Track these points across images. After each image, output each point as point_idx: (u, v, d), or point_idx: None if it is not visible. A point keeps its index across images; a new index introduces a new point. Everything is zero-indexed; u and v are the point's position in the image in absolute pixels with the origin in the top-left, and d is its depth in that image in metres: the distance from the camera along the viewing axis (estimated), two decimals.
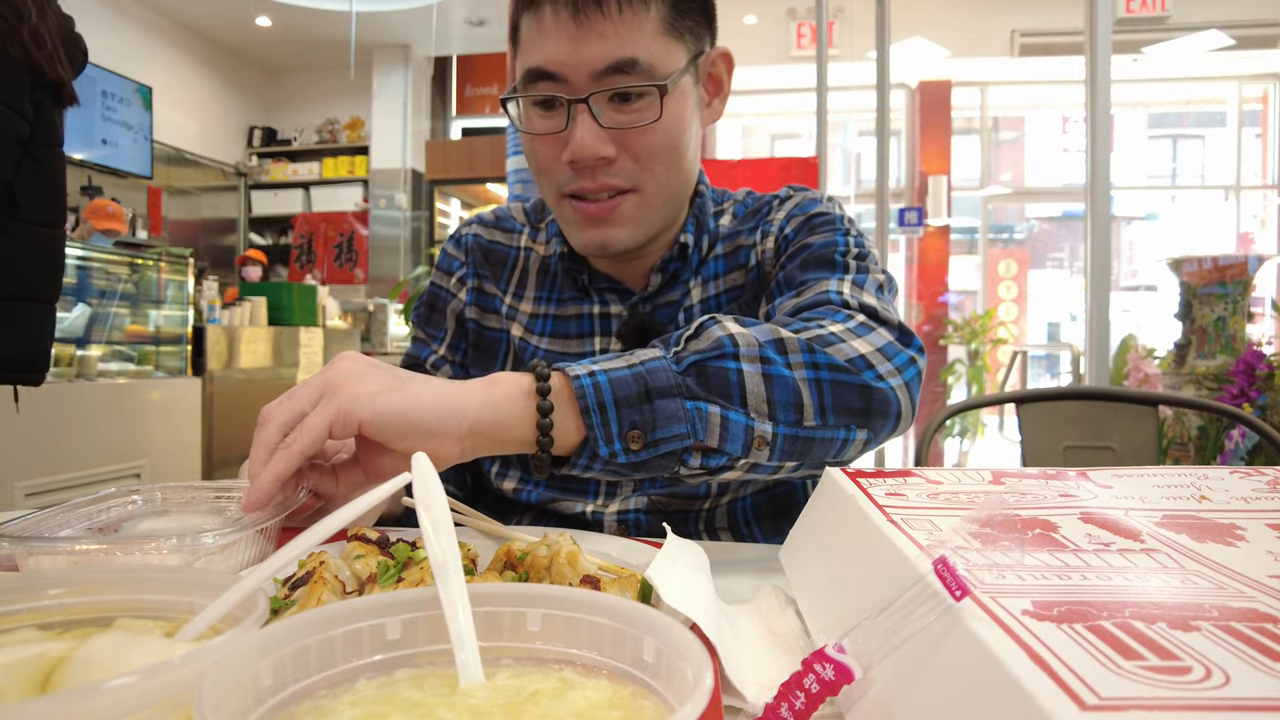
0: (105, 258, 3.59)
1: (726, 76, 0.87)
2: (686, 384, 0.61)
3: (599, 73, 0.75)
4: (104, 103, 5.71)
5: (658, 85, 0.76)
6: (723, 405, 0.62)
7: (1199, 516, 0.45)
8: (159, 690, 0.27)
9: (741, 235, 0.93)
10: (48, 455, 3.04)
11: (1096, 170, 2.38)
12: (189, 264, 3.95)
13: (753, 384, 0.63)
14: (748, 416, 0.62)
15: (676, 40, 0.79)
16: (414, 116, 7.14)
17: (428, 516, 0.38)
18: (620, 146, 0.79)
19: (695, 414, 0.61)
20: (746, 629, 0.49)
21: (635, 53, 0.75)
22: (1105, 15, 2.35)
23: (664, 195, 0.83)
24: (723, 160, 4.49)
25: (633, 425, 0.60)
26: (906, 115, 7.32)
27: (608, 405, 0.60)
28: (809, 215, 0.88)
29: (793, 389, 0.63)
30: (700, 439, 0.61)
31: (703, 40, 0.83)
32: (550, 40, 0.76)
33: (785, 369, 0.64)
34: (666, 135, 0.79)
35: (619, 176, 0.80)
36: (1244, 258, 2.95)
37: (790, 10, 6.72)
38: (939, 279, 7.19)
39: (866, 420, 0.66)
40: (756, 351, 0.64)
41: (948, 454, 6.71)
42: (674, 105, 0.79)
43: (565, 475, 0.64)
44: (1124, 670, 0.26)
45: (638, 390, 0.60)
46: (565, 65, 0.76)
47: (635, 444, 0.60)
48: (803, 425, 0.64)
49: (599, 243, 0.83)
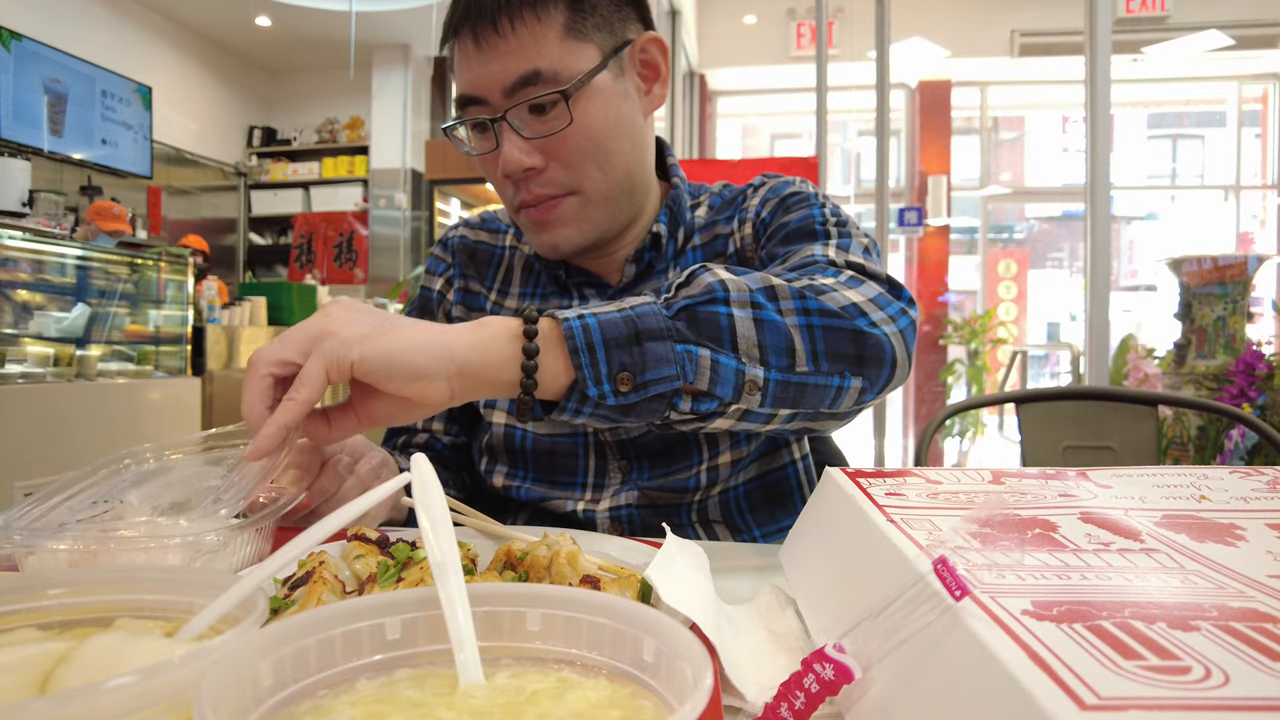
0: (105, 258, 3.59)
1: (662, 61, 0.88)
2: (676, 328, 0.61)
3: (508, 89, 0.79)
4: (103, 102, 5.71)
5: (560, 91, 0.78)
6: (713, 349, 0.61)
7: (1199, 516, 0.45)
8: (159, 690, 0.27)
9: (718, 225, 0.94)
10: (48, 455, 3.03)
11: (1096, 170, 2.38)
12: (189, 264, 3.95)
13: (744, 329, 0.62)
14: (739, 360, 0.62)
15: (582, 42, 0.80)
16: (414, 116, 7.13)
17: (427, 516, 0.38)
18: (547, 156, 0.82)
19: (685, 356, 0.60)
20: (746, 629, 0.49)
21: (536, 64, 0.78)
22: (1105, 15, 2.35)
23: (604, 191, 0.85)
24: (723, 160, 4.49)
25: (622, 367, 0.59)
26: (906, 115, 7.32)
27: (596, 346, 0.59)
28: (783, 196, 0.90)
29: (784, 334, 0.63)
30: (690, 381, 0.61)
31: (622, 32, 0.84)
32: (465, 67, 0.81)
33: (776, 314, 0.63)
34: (587, 135, 0.81)
35: (552, 185, 0.83)
36: (1243, 258, 2.95)
37: (790, 10, 6.73)
38: (939, 279, 7.19)
39: (861, 367, 0.65)
40: (747, 297, 0.63)
41: (947, 454, 6.71)
42: (587, 106, 0.80)
43: (555, 458, 0.63)
44: (1124, 670, 0.26)
45: (627, 333, 0.59)
46: (479, 87, 0.80)
47: (624, 385, 0.59)
48: (795, 370, 0.63)
49: (550, 245, 0.86)
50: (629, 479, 0.88)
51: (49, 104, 5.24)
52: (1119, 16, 6.22)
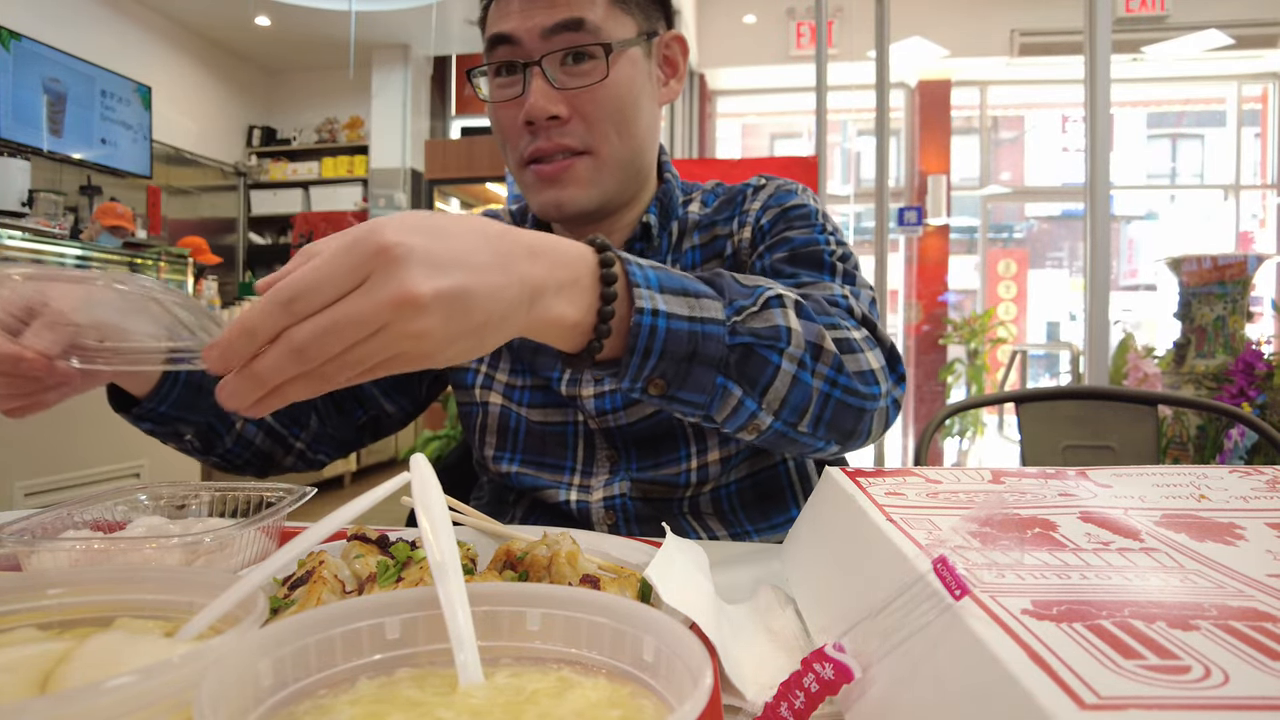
0: (105, 257, 3.59)
1: (682, 60, 0.92)
2: (730, 360, 0.61)
3: (548, 31, 0.80)
4: (103, 102, 5.70)
5: (602, 44, 0.81)
6: (745, 391, 0.63)
7: (1198, 516, 0.45)
8: (159, 690, 0.27)
9: (718, 225, 0.95)
10: (48, 455, 3.03)
11: (1096, 170, 2.38)
12: (188, 264, 3.95)
13: (780, 382, 0.64)
14: (759, 406, 0.64)
15: (625, 13, 0.84)
16: (413, 116, 7.13)
17: (426, 517, 0.38)
18: (572, 108, 0.83)
19: (721, 392, 0.62)
20: (746, 628, 0.49)
21: (582, 13, 0.80)
22: (1105, 15, 2.35)
23: (617, 159, 0.86)
24: (723, 160, 4.49)
25: (662, 374, 0.59)
26: (906, 115, 7.32)
27: (654, 352, 0.58)
28: (785, 208, 0.91)
29: (807, 396, 0.65)
30: (710, 412, 0.63)
31: (655, 21, 0.89)
32: (507, 10, 0.83)
33: (810, 375, 0.65)
34: (614, 96, 0.83)
35: (571, 136, 0.84)
36: (1243, 257, 2.95)
37: (790, 10, 6.72)
38: (938, 278, 7.19)
39: (846, 439, 0.70)
40: (800, 354, 0.65)
41: (947, 453, 6.71)
42: (622, 69, 0.83)
43: (545, 442, 0.75)
44: (1123, 669, 0.26)
45: (686, 350, 0.59)
46: (519, 29, 0.81)
47: (655, 390, 0.60)
48: (796, 429, 0.67)
49: (555, 203, 0.86)
50: (618, 468, 0.89)
51: (49, 104, 5.24)
52: (1119, 16, 6.22)
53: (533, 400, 0.92)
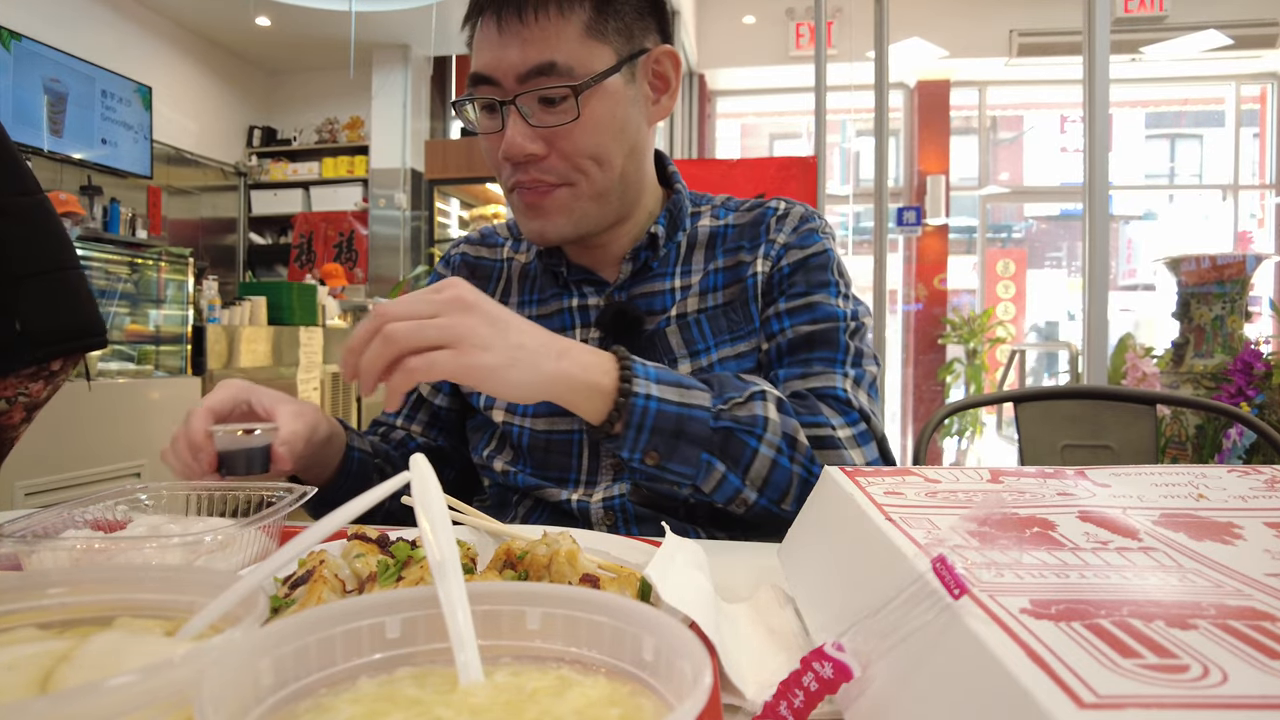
0: (105, 257, 3.59)
1: (674, 75, 0.91)
2: (713, 440, 0.74)
3: (522, 75, 0.81)
4: (103, 102, 5.69)
5: (572, 86, 0.80)
6: (729, 468, 0.75)
7: (1197, 515, 0.45)
8: (159, 690, 0.27)
9: (742, 251, 0.95)
10: (48, 455, 3.03)
11: (1094, 170, 2.38)
12: (189, 264, 3.95)
13: (760, 464, 0.75)
14: (743, 482, 0.76)
15: (600, 42, 0.83)
16: (413, 116, 7.12)
17: (426, 516, 0.38)
18: (549, 145, 0.84)
19: (706, 466, 0.74)
20: (745, 627, 0.50)
21: (553, 56, 0.80)
22: (1103, 15, 2.35)
23: (597, 189, 0.87)
24: (722, 160, 4.48)
25: (654, 449, 0.73)
26: (905, 115, 7.32)
27: (645, 429, 0.72)
28: (807, 254, 0.92)
29: (787, 479, 0.77)
30: (698, 484, 0.75)
31: (639, 40, 0.87)
32: (484, 48, 0.83)
33: (789, 461, 0.77)
34: (591, 132, 0.84)
35: (550, 173, 0.85)
36: (1242, 257, 2.95)
37: (789, 10, 6.72)
38: (937, 277, 7.19)
39: None
40: (777, 441, 0.76)
41: (946, 453, 6.71)
42: (598, 105, 0.83)
43: (550, 453, 0.85)
44: (1122, 668, 0.26)
45: (673, 428, 0.73)
46: (494, 69, 0.82)
47: (650, 460, 0.74)
48: (779, 506, 0.77)
49: (538, 232, 0.89)
50: (621, 476, 0.90)
51: (49, 104, 5.24)
52: (1117, 16, 6.22)
53: (538, 409, 0.93)
